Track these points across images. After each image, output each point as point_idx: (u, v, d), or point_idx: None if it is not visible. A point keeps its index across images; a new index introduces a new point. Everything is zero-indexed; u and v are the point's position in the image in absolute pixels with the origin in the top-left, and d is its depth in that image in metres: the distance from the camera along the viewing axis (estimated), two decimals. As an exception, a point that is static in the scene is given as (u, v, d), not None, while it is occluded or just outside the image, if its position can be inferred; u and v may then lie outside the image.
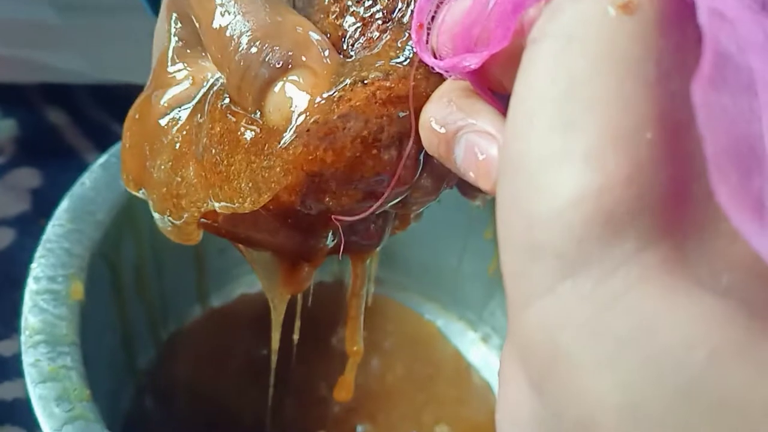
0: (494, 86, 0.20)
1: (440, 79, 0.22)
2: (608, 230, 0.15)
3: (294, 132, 0.23)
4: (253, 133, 0.24)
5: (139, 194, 0.28)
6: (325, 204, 0.24)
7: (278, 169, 0.23)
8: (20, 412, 0.47)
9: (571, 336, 0.15)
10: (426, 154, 0.23)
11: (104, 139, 0.61)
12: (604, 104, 0.15)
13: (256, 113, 0.24)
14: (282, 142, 0.23)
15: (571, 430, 0.16)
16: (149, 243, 0.44)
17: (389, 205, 0.25)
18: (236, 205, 0.25)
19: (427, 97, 0.22)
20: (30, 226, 0.59)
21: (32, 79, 0.63)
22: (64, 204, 0.39)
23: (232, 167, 0.24)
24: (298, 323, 0.47)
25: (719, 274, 0.15)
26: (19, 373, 0.49)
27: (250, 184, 0.24)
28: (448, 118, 0.21)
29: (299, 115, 0.23)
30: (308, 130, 0.23)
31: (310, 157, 0.23)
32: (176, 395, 0.47)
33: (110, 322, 0.41)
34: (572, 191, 0.15)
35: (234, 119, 0.24)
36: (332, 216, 0.24)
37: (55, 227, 0.38)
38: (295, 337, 0.44)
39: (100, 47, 0.54)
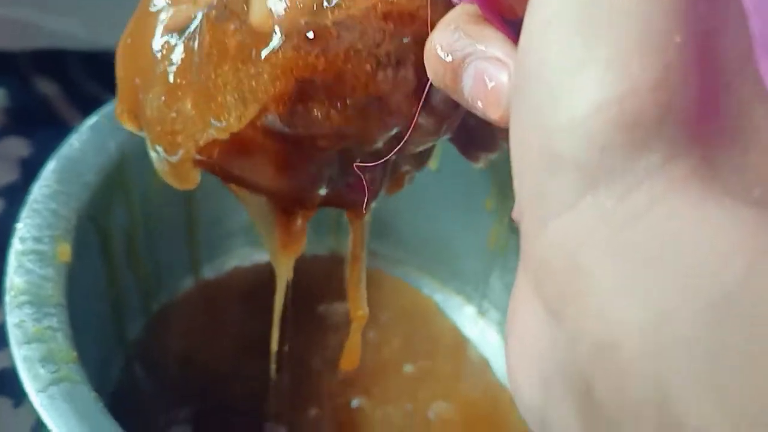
0: (504, 11, 0.19)
1: (447, 6, 0.21)
2: (633, 139, 0.14)
3: (284, 36, 0.22)
4: (240, 38, 0.23)
5: (135, 130, 0.27)
6: (313, 120, 0.23)
7: (266, 76, 0.22)
8: (8, 383, 0.46)
9: (592, 254, 0.15)
10: (426, 90, 0.22)
11: (95, 110, 0.59)
12: (628, 5, 0.14)
13: (245, 18, 0.23)
14: (271, 46, 0.22)
15: (591, 355, 0.15)
16: (140, 209, 0.43)
17: (382, 141, 0.24)
18: (223, 123, 0.23)
19: (433, 25, 0.21)
20: (19, 196, 0.57)
21: (24, 45, 0.61)
22: (51, 165, 0.37)
23: (219, 78, 0.23)
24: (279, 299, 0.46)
25: (751, 186, 0.14)
26: (6, 343, 0.48)
27: (236, 96, 0.23)
28: (455, 45, 0.20)
29: (291, 19, 0.22)
30: (300, 34, 0.22)
31: (300, 62, 0.22)
32: (167, 367, 0.46)
33: (99, 290, 0.40)
34: (595, 97, 0.14)
35: (223, 27, 0.23)
36: (323, 151, 0.23)
37: (41, 188, 0.36)
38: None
39: (96, 9, 0.53)
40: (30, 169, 0.60)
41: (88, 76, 0.65)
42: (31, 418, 0.45)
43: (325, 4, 0.21)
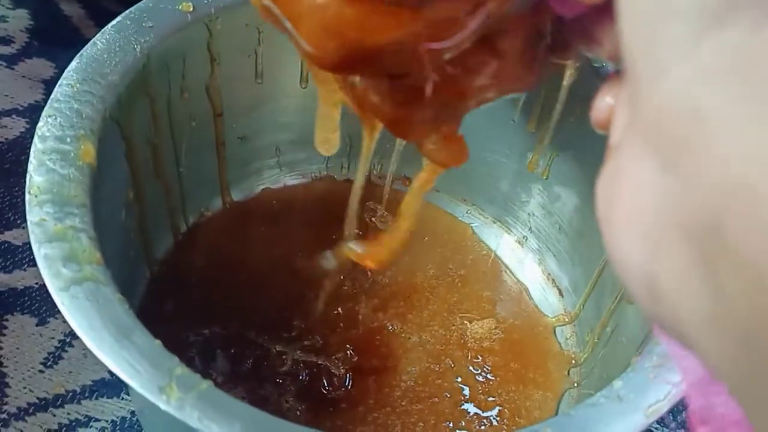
0: None
1: None
2: None
3: None
4: None
5: None
6: None
7: None
8: (30, 301, 0.45)
9: (717, 96, 0.14)
10: None
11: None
12: None
13: None
14: None
15: (719, 197, 0.14)
16: (165, 119, 0.41)
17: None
18: None
19: None
20: (42, 116, 0.57)
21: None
22: (74, 64, 0.35)
23: None
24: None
25: None
26: (30, 262, 0.47)
27: None
28: None
29: None
30: None
31: None
32: (192, 286, 0.45)
33: (125, 199, 0.38)
34: None
35: None
36: None
37: (63, 87, 0.34)
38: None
39: None
40: (53, 90, 0.58)
41: (112, -5, 0.63)
42: (56, 334, 0.44)
43: None
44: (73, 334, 0.44)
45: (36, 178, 0.31)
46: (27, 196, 0.30)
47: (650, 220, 0.16)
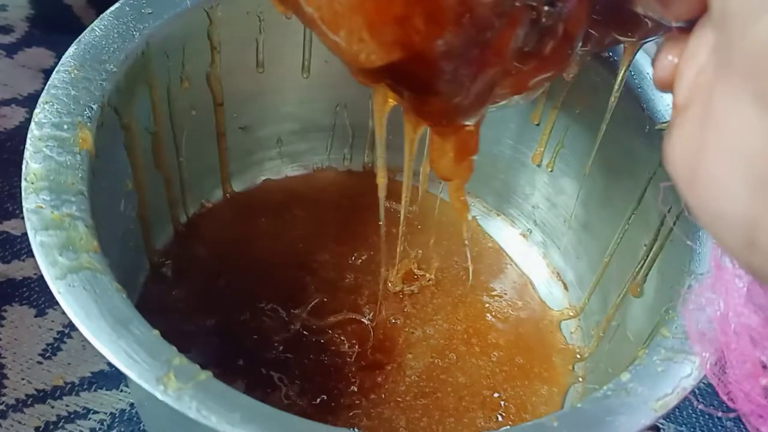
0: None
1: None
2: None
3: None
4: None
5: None
6: None
7: None
8: (29, 292, 0.44)
9: None
10: None
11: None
12: None
13: None
14: None
15: None
16: (165, 108, 0.41)
17: None
18: None
19: None
20: (42, 106, 0.56)
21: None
22: (72, 50, 0.35)
23: None
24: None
25: None
26: (29, 252, 0.46)
27: None
28: None
29: None
30: None
31: None
32: (193, 278, 0.44)
33: (125, 189, 0.38)
34: None
35: None
36: None
37: (60, 73, 0.34)
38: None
39: None
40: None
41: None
42: (54, 325, 0.43)
43: None
44: (71, 326, 0.43)
45: (32, 165, 0.30)
46: (23, 183, 0.30)
47: (754, 164, 0.16)
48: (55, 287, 0.27)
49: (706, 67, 0.19)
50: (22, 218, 0.47)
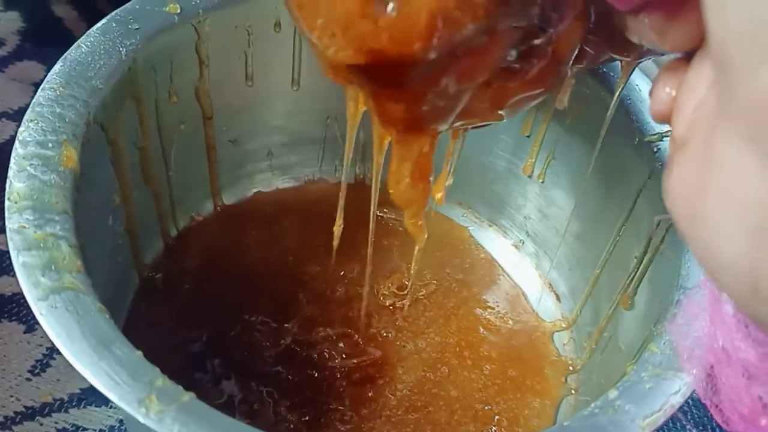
0: None
1: None
2: None
3: None
4: None
5: None
6: None
7: None
8: (18, 307, 0.44)
9: None
10: None
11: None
12: None
13: None
14: None
15: None
16: (153, 123, 0.40)
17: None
18: None
19: None
20: (33, 120, 0.56)
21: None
22: (57, 67, 0.35)
23: None
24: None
25: None
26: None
27: None
28: None
29: None
30: None
31: None
32: (183, 291, 0.44)
33: (112, 205, 0.38)
34: None
35: None
36: None
37: (46, 90, 0.34)
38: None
39: None
40: (45, 94, 0.58)
41: (105, -2, 0.63)
42: (44, 342, 0.43)
43: None
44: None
45: (16, 184, 0.30)
46: (6, 203, 0.30)
47: (756, 215, 0.15)
48: (37, 308, 0.27)
49: (706, 101, 0.19)
50: (12, 233, 0.47)
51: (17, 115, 0.54)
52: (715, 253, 0.17)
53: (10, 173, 0.31)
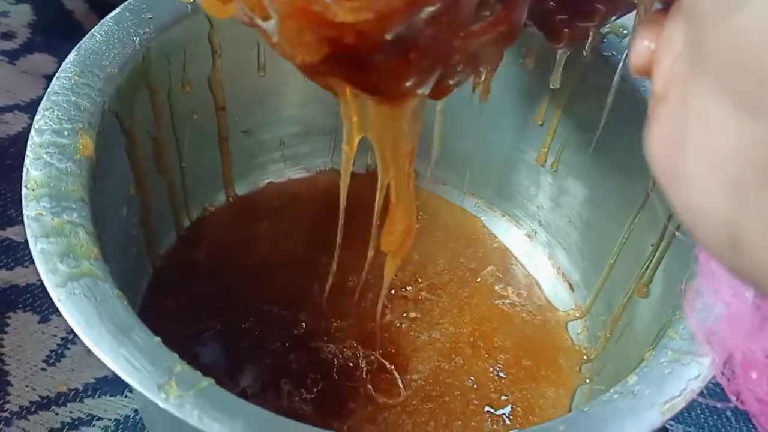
0: None
1: None
2: None
3: None
4: None
5: None
6: None
7: None
8: (32, 298, 0.44)
9: None
10: None
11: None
12: None
13: None
14: None
15: None
16: (167, 113, 0.40)
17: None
18: None
19: None
20: (45, 112, 0.56)
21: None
22: (72, 56, 0.35)
23: None
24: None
25: None
26: (31, 259, 0.46)
27: None
28: None
29: None
30: None
31: None
32: (196, 281, 0.44)
33: (127, 194, 0.38)
34: None
35: None
36: None
37: (60, 80, 0.34)
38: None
39: None
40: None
41: (115, -10, 0.63)
42: (58, 332, 0.43)
43: None
44: (75, 332, 0.43)
45: (33, 172, 0.30)
46: (24, 190, 0.30)
47: (733, 167, 0.15)
48: (56, 295, 0.27)
49: (683, 57, 0.18)
50: (23, 224, 0.47)
51: (29, 108, 0.54)
52: (694, 208, 0.17)
53: (27, 161, 0.31)
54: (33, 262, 0.45)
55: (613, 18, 0.31)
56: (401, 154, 0.30)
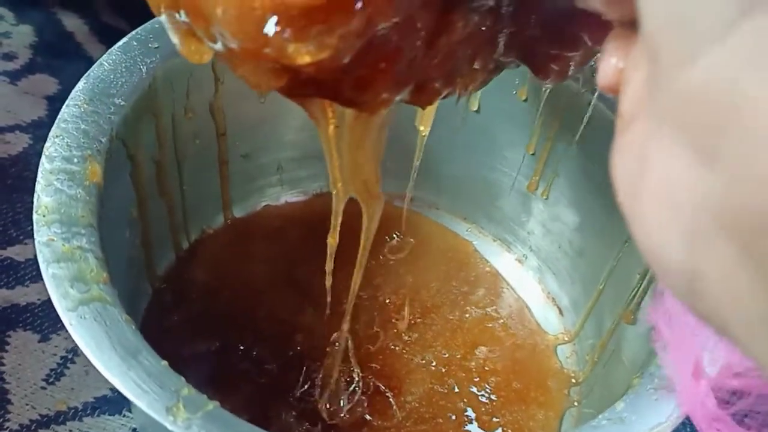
0: None
1: None
2: None
3: None
4: None
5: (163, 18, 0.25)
6: None
7: None
8: (32, 317, 0.45)
9: (759, 80, 0.13)
10: None
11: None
12: None
13: None
14: None
15: (757, 199, 0.13)
16: (169, 138, 0.41)
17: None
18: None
19: None
20: (45, 132, 0.56)
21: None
22: (81, 85, 0.36)
23: None
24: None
25: None
26: (32, 278, 0.47)
27: None
28: None
29: None
30: None
31: None
32: (194, 302, 0.45)
33: (130, 217, 0.39)
34: None
35: None
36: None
37: (70, 107, 0.35)
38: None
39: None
40: (56, 106, 0.59)
41: (114, 12, 0.64)
42: (58, 351, 0.44)
43: None
44: (75, 351, 0.44)
45: (44, 198, 0.31)
46: (35, 216, 0.31)
47: (688, 216, 0.15)
48: (67, 319, 0.28)
49: (647, 87, 0.17)
50: (26, 244, 0.48)
51: (30, 128, 0.55)
52: (652, 250, 0.16)
53: (38, 187, 0.31)
54: (34, 282, 0.47)
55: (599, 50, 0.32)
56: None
